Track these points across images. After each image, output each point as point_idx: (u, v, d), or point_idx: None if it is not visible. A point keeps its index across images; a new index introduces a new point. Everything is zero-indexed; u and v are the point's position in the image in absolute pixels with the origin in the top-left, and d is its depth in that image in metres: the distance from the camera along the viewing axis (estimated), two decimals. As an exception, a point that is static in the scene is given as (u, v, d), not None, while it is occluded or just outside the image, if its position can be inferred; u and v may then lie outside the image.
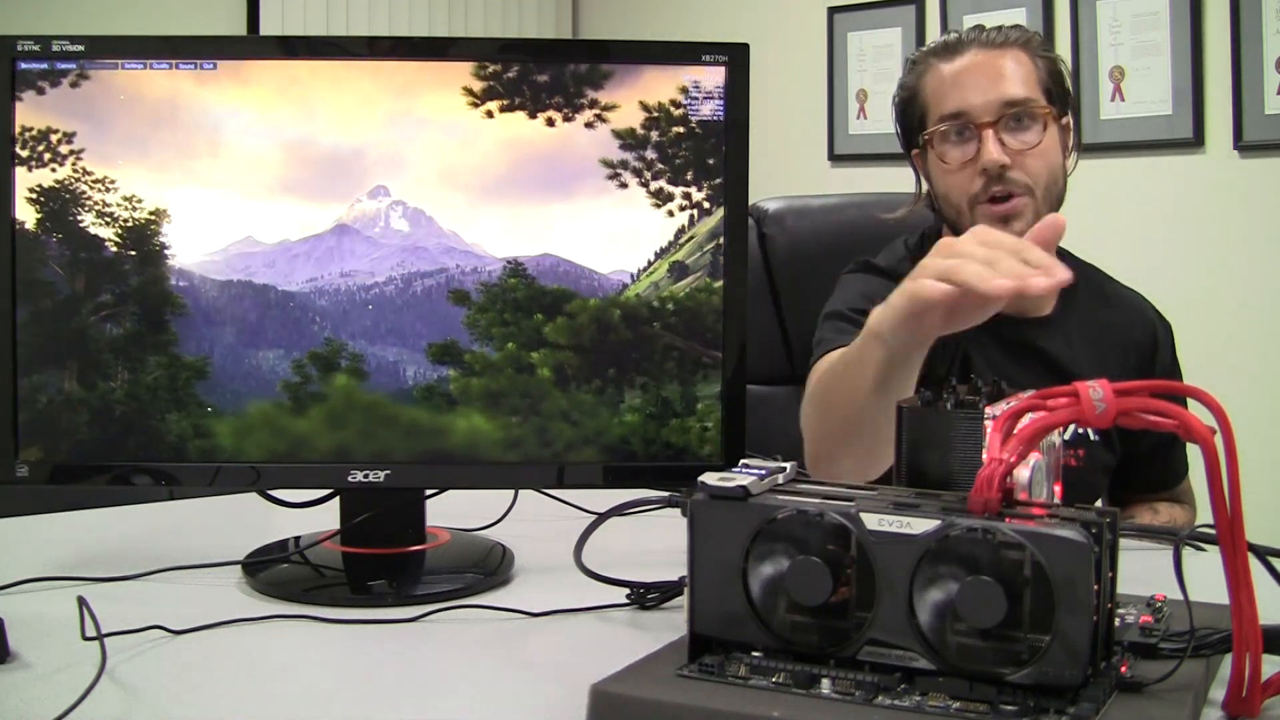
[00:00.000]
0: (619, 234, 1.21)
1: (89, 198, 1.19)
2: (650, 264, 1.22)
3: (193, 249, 1.20)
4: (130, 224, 1.19)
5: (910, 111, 1.64)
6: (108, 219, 1.19)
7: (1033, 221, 1.53)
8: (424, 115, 1.20)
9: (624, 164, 1.21)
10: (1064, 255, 1.70)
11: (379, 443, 1.21)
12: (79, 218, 1.19)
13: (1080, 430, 1.59)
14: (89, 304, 1.20)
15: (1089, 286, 1.71)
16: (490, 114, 1.20)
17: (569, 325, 1.21)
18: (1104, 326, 1.69)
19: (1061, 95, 1.59)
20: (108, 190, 1.19)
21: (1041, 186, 1.56)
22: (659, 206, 1.21)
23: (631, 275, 1.22)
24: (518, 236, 1.21)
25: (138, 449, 1.20)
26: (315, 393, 1.20)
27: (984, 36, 1.58)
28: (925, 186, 1.67)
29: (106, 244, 1.20)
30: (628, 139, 1.21)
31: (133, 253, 1.20)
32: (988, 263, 1.01)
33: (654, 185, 1.21)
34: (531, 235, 1.21)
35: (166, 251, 1.20)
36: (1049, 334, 1.65)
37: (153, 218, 1.19)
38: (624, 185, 1.21)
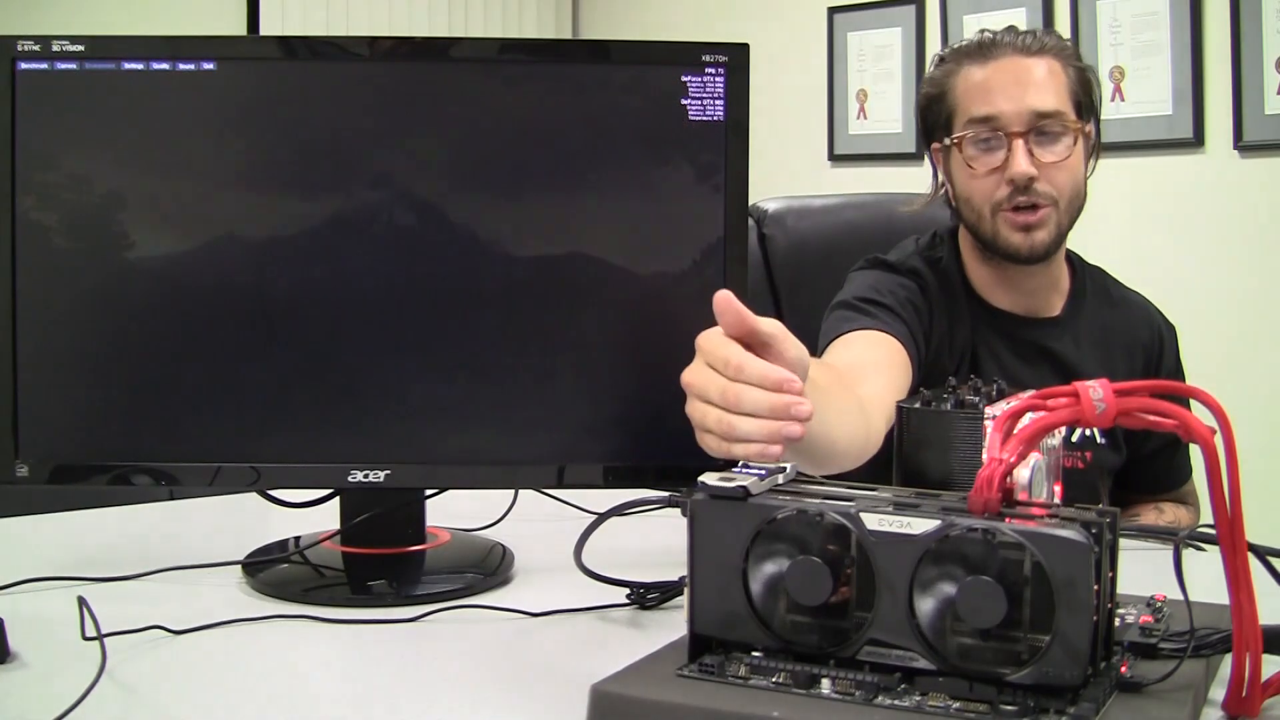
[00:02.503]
0: (659, 227, 1.19)
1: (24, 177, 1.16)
2: (696, 264, 1.20)
3: (158, 245, 1.18)
4: (79, 211, 1.16)
5: (936, 109, 1.62)
6: (50, 203, 1.16)
7: (1054, 232, 1.56)
8: (430, 94, 1.18)
9: (664, 135, 1.18)
10: (1071, 258, 1.72)
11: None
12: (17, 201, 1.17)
13: (1088, 433, 1.60)
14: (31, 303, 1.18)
15: (1095, 289, 1.71)
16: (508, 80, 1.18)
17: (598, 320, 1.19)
18: (1110, 328, 1.70)
19: (1089, 104, 1.59)
20: (48, 170, 1.16)
21: (1066, 199, 1.56)
22: (703, 182, 1.19)
23: (673, 279, 1.21)
24: (541, 233, 1.19)
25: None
26: (307, 414, 1.20)
27: (1019, 41, 1.56)
28: (941, 182, 1.66)
29: (51, 233, 1.17)
30: (666, 102, 1.17)
31: (82, 245, 1.17)
32: (726, 409, 0.91)
33: (702, 158, 1.19)
34: (556, 231, 1.19)
35: (124, 244, 1.17)
36: (1057, 335, 1.65)
37: (104, 204, 1.17)
38: (665, 162, 1.18)
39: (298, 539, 1.30)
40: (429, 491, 1.29)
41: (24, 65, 1.17)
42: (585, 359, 1.21)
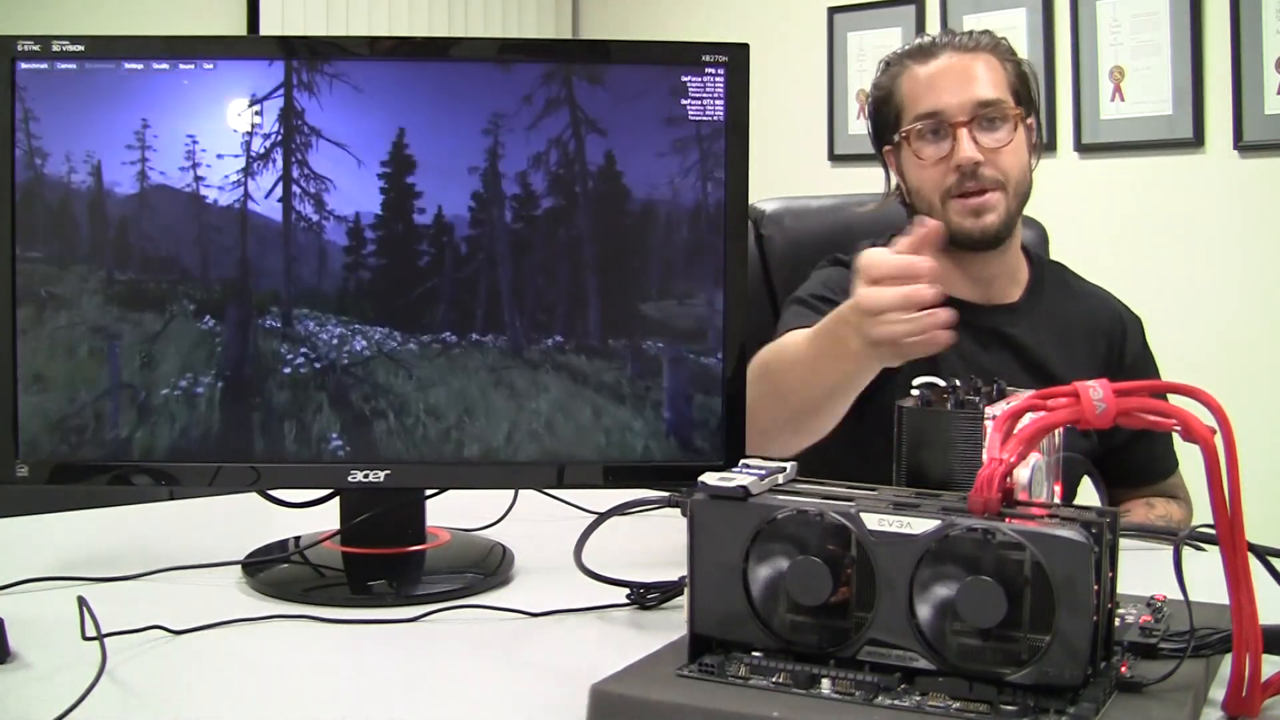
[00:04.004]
0: (659, 227, 1.22)
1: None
2: (696, 264, 1.22)
3: (158, 244, 1.18)
4: (79, 211, 1.17)
5: (885, 110, 1.71)
6: (49, 202, 1.17)
7: (1003, 215, 1.65)
8: (430, 94, 1.19)
9: (664, 135, 1.20)
10: (1028, 252, 1.78)
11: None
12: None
13: None
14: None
15: (1055, 281, 1.78)
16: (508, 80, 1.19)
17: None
18: (1070, 316, 1.75)
19: (1028, 97, 1.68)
20: (48, 169, 1.17)
21: (1012, 182, 1.64)
22: (703, 182, 1.21)
23: (673, 279, 1.22)
24: (539, 234, 1.21)
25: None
26: (307, 413, 1.20)
27: (956, 40, 1.67)
28: (895, 182, 1.75)
29: (51, 233, 1.17)
30: (666, 102, 1.20)
31: (81, 244, 1.18)
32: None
33: (702, 158, 1.21)
34: (554, 233, 1.21)
35: (124, 243, 1.18)
36: (1014, 320, 1.71)
37: (104, 203, 1.17)
38: (665, 162, 1.20)
39: (298, 539, 1.30)
40: (429, 491, 1.29)
41: (24, 65, 1.17)
42: (585, 359, 1.21)
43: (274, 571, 1.21)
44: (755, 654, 0.83)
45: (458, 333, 1.20)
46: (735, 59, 1.21)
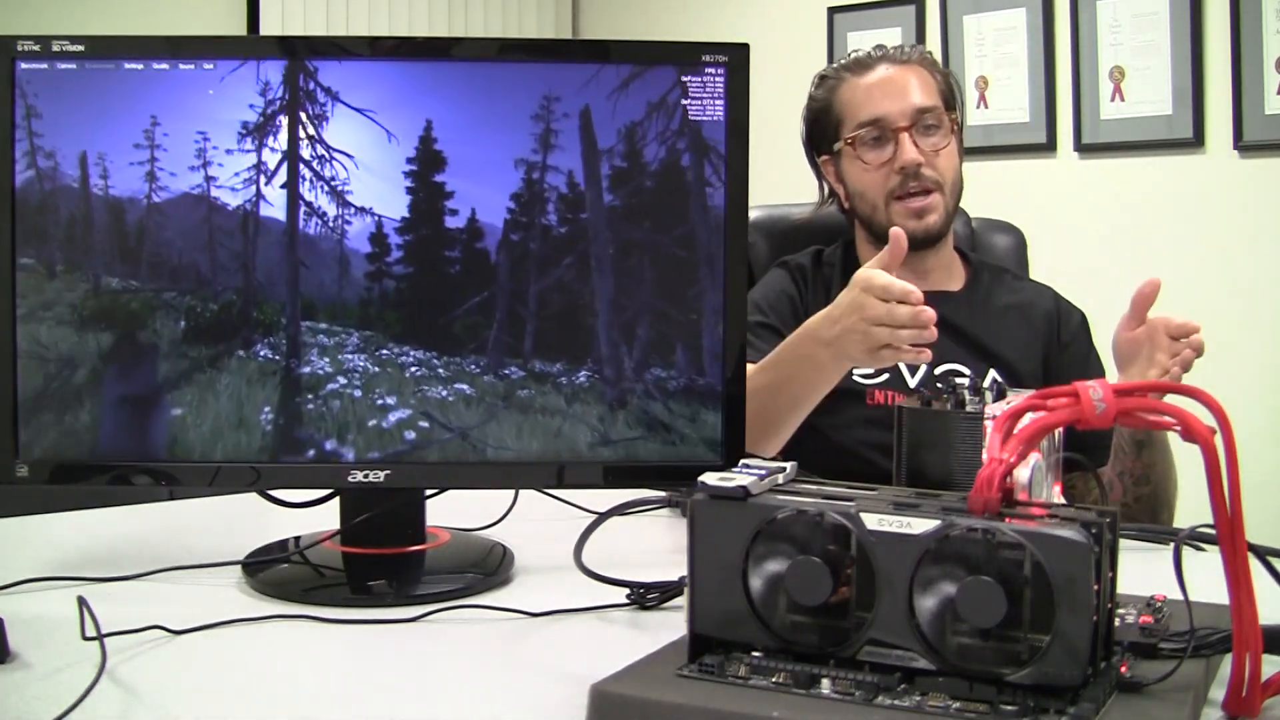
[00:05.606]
0: (659, 228, 1.22)
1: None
2: (695, 264, 1.22)
3: (159, 244, 1.18)
4: (79, 210, 1.17)
5: (823, 121, 1.83)
6: (50, 201, 1.17)
7: (943, 214, 1.76)
8: (430, 93, 1.19)
9: (664, 135, 1.20)
10: (964, 252, 1.88)
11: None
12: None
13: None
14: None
15: (993, 274, 1.88)
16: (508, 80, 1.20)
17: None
18: (1009, 302, 1.85)
19: (956, 105, 1.81)
20: (48, 169, 1.17)
21: (949, 182, 1.76)
22: (703, 182, 1.21)
23: (673, 279, 1.23)
24: (539, 235, 1.20)
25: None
26: (307, 414, 1.20)
27: (890, 54, 1.80)
28: (828, 190, 1.88)
29: (51, 232, 1.18)
30: (666, 102, 1.20)
31: (81, 244, 1.18)
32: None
33: (702, 158, 1.22)
34: (554, 233, 1.20)
35: (124, 243, 1.18)
36: (953, 306, 1.79)
37: (104, 203, 1.17)
38: (665, 162, 1.21)
39: (298, 539, 1.30)
40: (429, 491, 1.29)
41: (24, 65, 1.17)
42: (585, 359, 1.21)
43: (274, 571, 1.21)
44: (755, 654, 0.83)
45: (457, 332, 1.20)
46: (735, 59, 1.21)
